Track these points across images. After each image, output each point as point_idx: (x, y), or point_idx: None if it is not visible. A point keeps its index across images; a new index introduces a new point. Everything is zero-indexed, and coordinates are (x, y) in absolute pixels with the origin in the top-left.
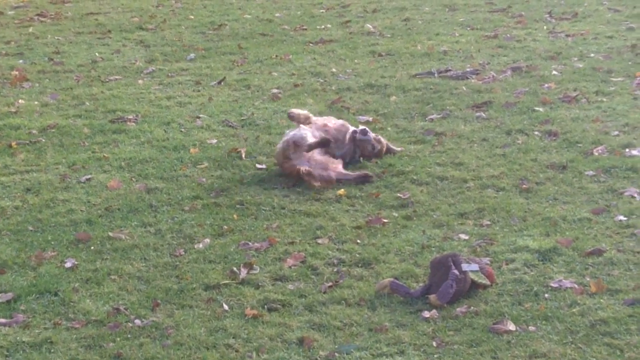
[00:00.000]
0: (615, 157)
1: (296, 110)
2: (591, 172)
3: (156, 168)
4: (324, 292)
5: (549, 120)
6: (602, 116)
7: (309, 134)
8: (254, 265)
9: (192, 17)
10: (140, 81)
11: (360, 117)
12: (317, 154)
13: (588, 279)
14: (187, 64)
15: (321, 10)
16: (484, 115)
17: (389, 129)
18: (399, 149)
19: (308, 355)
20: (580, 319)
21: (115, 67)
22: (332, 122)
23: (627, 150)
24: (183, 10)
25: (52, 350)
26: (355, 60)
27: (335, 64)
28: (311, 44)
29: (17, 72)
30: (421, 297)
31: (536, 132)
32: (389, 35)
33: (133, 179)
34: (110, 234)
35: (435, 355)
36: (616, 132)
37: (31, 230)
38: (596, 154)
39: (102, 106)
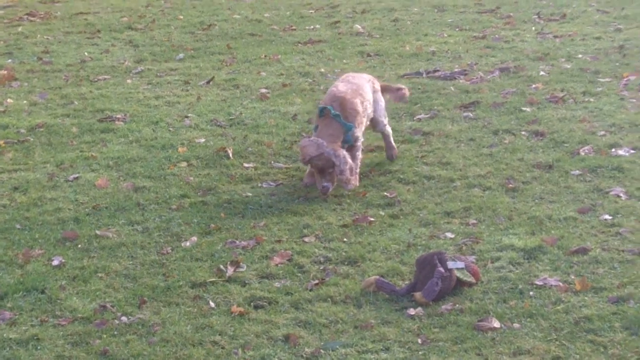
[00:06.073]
0: (602, 157)
1: None
2: (577, 172)
3: (144, 167)
4: (310, 290)
5: (536, 120)
6: (589, 116)
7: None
8: (241, 263)
9: (182, 17)
10: (129, 81)
11: None
12: None
13: (573, 277)
14: (176, 63)
15: (310, 11)
16: (471, 115)
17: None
18: None
19: (294, 352)
20: (565, 317)
21: (104, 67)
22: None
23: (613, 150)
24: (172, 10)
25: (38, 347)
26: (344, 61)
27: (324, 64)
28: (300, 44)
29: (5, 72)
30: (407, 295)
31: (523, 132)
32: (377, 36)
33: (121, 177)
34: (98, 232)
35: (420, 352)
36: (602, 132)
37: (19, 229)
38: (582, 153)
39: (90, 105)
